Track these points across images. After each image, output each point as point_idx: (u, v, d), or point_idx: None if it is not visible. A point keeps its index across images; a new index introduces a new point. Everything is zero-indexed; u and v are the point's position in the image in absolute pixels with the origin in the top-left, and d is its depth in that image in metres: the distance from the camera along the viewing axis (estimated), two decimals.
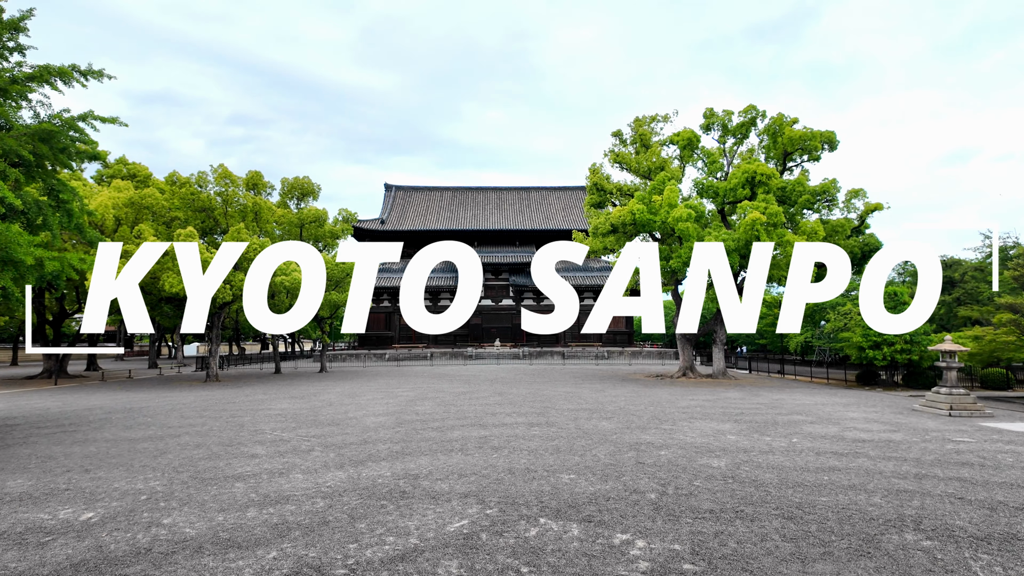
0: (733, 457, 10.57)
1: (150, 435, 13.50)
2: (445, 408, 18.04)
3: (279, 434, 13.43)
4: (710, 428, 13.99)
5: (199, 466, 10.11)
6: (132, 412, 17.97)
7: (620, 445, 11.72)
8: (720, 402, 19.76)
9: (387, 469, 9.68)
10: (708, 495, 7.95)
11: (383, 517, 7.04)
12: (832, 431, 13.67)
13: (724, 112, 29.97)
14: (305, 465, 10.07)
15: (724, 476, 9.07)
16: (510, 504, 7.54)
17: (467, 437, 12.70)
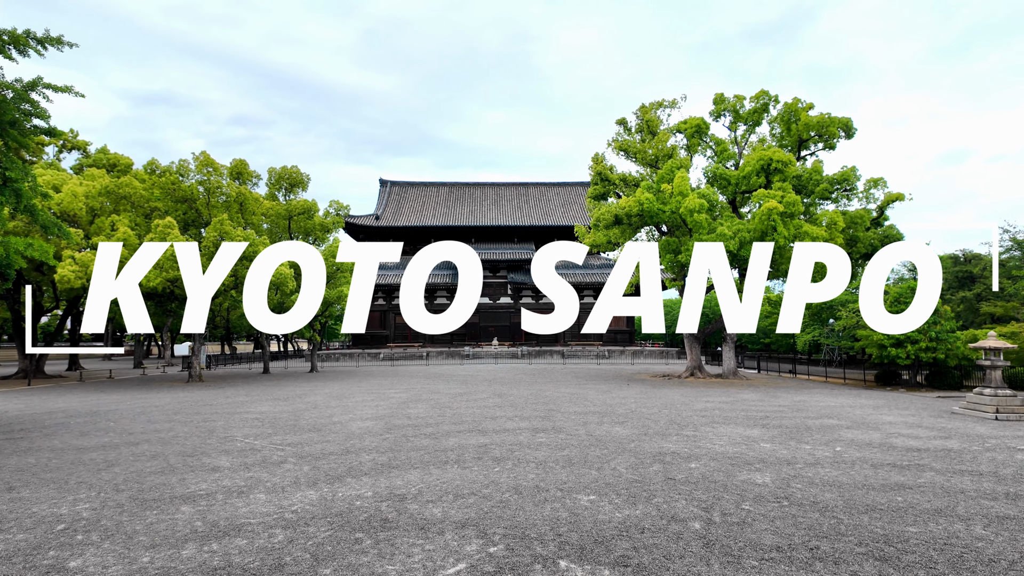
0: (777, 471, 9.00)
1: (104, 443, 11.87)
2: (440, 411, 16.45)
3: (251, 442, 11.82)
4: (738, 435, 12.43)
5: (146, 483, 8.50)
6: (96, 416, 16.32)
7: (641, 456, 10.14)
8: (738, 404, 18.23)
9: (369, 487, 8.08)
10: (765, 523, 6.38)
11: (356, 559, 5.44)
12: (875, 438, 12.13)
13: (735, 98, 28.44)
14: (272, 482, 8.46)
15: (776, 496, 7.51)
16: (519, 537, 5.96)
17: (464, 446, 11.12)
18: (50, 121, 14.69)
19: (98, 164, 32.00)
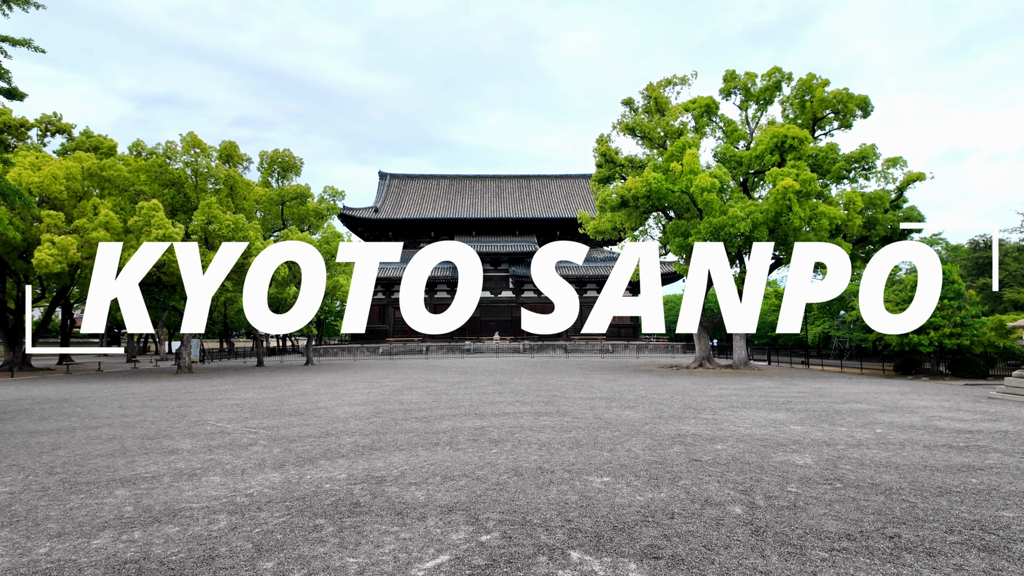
0: (818, 452, 7.80)
1: (62, 427, 10.72)
2: (435, 397, 15.27)
3: (223, 425, 10.65)
4: (762, 418, 11.23)
5: (88, 466, 7.34)
6: (66, 403, 15.19)
7: (658, 437, 8.95)
8: (755, 391, 17.02)
9: (344, 469, 6.91)
10: (821, 507, 5.19)
11: (309, 549, 4.26)
12: (915, 421, 10.92)
13: (746, 75, 27.17)
14: (233, 464, 7.30)
15: (825, 478, 6.31)
16: (519, 524, 4.78)
17: (459, 428, 9.93)
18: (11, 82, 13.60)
19: (82, 147, 30.77)
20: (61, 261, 22.42)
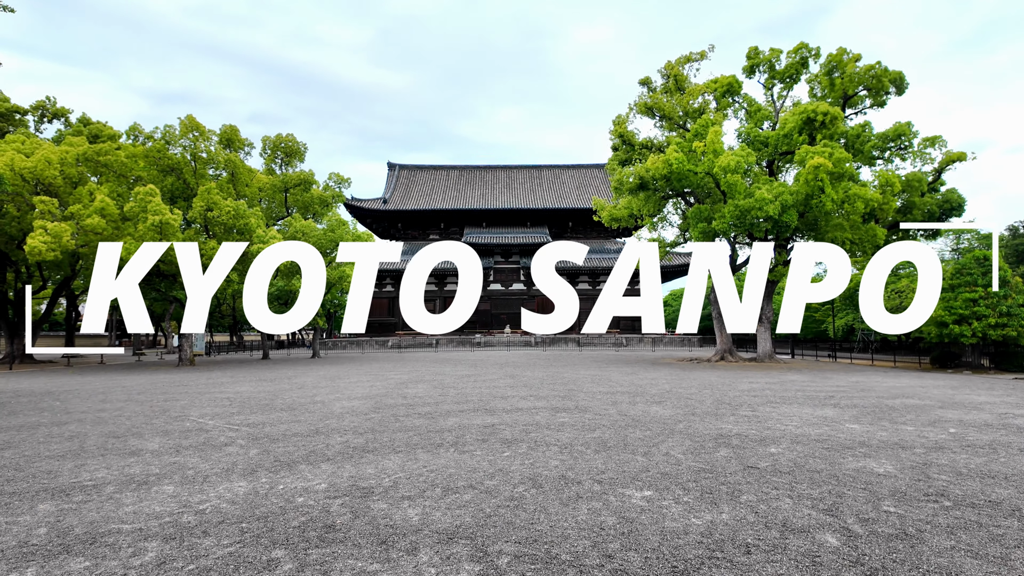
0: (896, 457, 6.49)
1: (26, 423, 9.66)
2: (442, 391, 14.08)
3: (204, 422, 9.53)
4: (809, 415, 9.91)
5: (29, 470, 6.22)
6: (44, 396, 14.18)
7: (698, 439, 7.68)
8: (789, 385, 15.65)
9: (325, 477, 5.71)
10: (942, 536, 3.90)
11: None
12: (988, 419, 9.55)
13: (771, 51, 25.60)
14: (197, 469, 6.13)
15: (922, 492, 5.01)
16: (542, 561, 3.54)
17: (466, 426, 8.72)
18: None
19: (80, 134, 29.89)
20: (55, 248, 21.48)
